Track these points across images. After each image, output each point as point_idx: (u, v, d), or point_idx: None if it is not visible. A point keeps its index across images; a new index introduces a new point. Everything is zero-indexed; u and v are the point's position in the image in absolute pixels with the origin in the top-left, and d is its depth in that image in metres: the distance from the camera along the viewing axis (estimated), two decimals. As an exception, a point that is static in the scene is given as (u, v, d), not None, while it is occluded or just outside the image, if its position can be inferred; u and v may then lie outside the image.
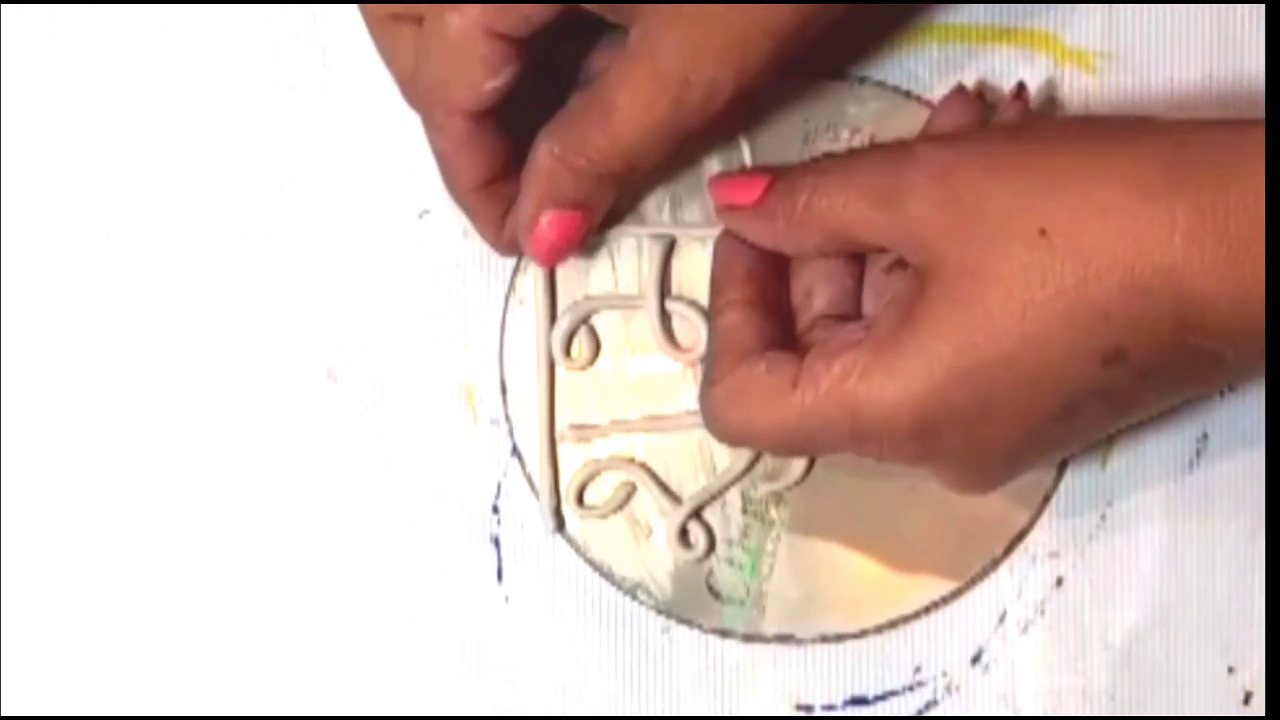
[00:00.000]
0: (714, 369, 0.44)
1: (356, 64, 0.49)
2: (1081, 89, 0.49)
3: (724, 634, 0.49)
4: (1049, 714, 0.49)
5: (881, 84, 0.49)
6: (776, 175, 0.44)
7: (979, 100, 0.46)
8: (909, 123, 0.48)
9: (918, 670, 0.49)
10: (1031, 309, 0.40)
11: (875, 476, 0.48)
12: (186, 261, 0.49)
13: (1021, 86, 0.46)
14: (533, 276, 0.49)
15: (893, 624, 0.49)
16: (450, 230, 0.49)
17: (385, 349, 0.49)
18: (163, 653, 0.49)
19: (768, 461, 0.49)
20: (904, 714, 0.49)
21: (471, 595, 0.49)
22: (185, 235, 0.49)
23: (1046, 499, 0.49)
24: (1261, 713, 0.49)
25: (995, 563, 0.49)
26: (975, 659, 0.49)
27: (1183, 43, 0.49)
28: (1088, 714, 0.49)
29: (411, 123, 0.49)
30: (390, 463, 0.49)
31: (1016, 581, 0.49)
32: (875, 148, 0.43)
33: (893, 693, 0.49)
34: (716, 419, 0.44)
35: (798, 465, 0.48)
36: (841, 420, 0.42)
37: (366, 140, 0.49)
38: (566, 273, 0.49)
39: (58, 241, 0.49)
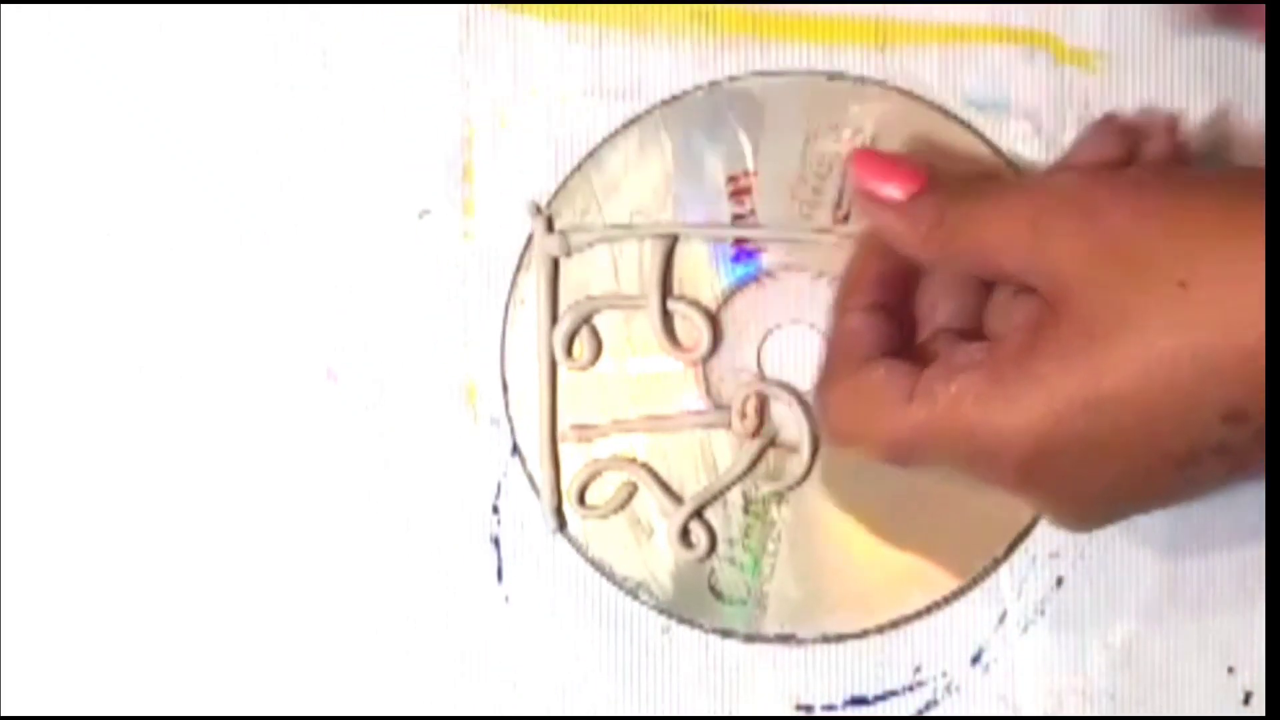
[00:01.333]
0: (834, 370, 0.44)
1: (356, 64, 0.49)
2: (1081, 89, 0.49)
3: (726, 634, 0.49)
4: (1049, 714, 0.49)
5: (883, 84, 0.49)
6: (931, 181, 0.44)
7: (1128, 131, 0.46)
8: (911, 123, 0.48)
9: (918, 670, 0.49)
10: (1160, 357, 0.39)
11: (877, 477, 0.48)
12: (186, 261, 0.49)
13: (1174, 120, 0.46)
14: (535, 276, 0.49)
15: (894, 624, 0.49)
16: (450, 230, 0.49)
17: (385, 349, 0.49)
18: (163, 653, 0.49)
19: (769, 461, 0.49)
20: (904, 714, 0.49)
21: (471, 595, 0.49)
22: (185, 235, 0.49)
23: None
24: (1261, 713, 0.49)
25: (996, 562, 0.49)
26: (975, 659, 0.49)
27: (1183, 43, 0.49)
28: (1088, 714, 0.49)
29: (411, 123, 0.49)
30: (390, 463, 0.49)
31: (1016, 581, 0.49)
32: (1026, 176, 0.44)
33: (893, 693, 0.49)
34: (830, 421, 0.44)
35: (799, 465, 0.49)
36: (954, 441, 0.42)
37: (366, 140, 0.49)
38: (568, 273, 0.49)
39: (58, 241, 0.49)
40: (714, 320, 0.49)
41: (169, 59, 0.49)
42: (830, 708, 0.49)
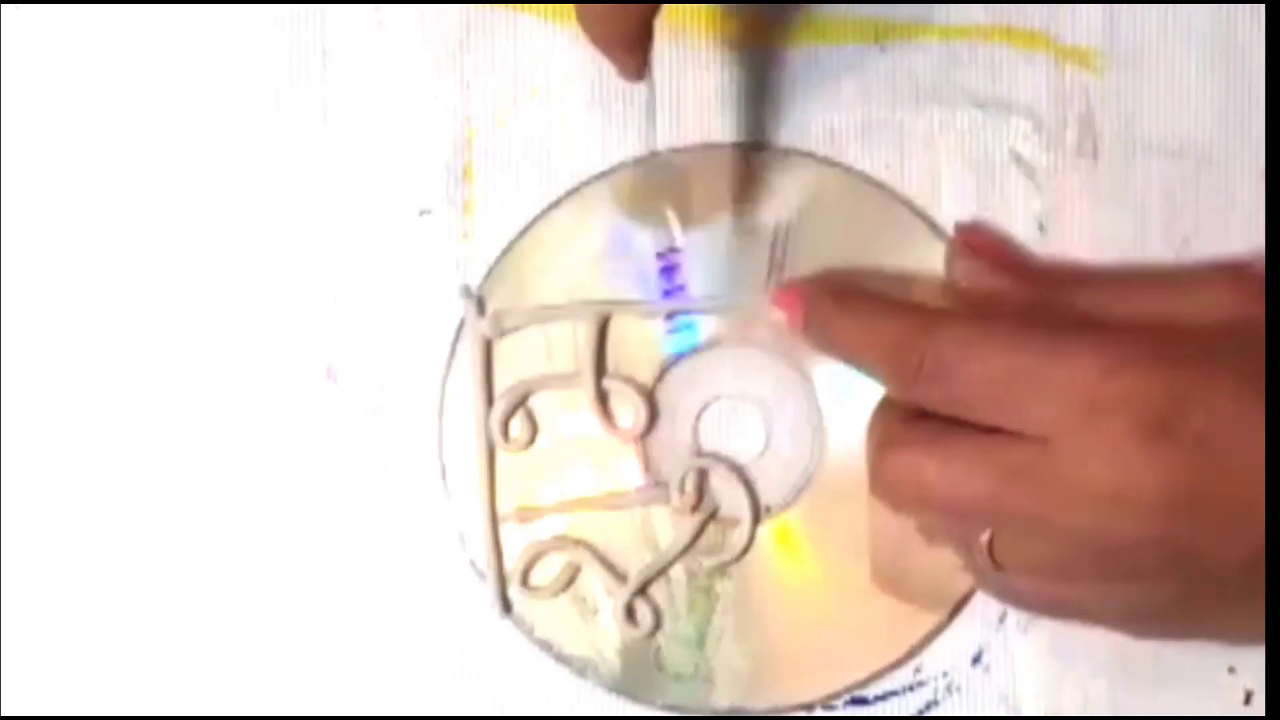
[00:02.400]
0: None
1: (356, 64, 0.49)
2: (1081, 89, 0.49)
3: (674, 709, 0.49)
4: (1049, 714, 0.49)
5: (809, 155, 0.49)
6: None
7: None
8: (832, 193, 0.48)
9: (918, 670, 0.49)
10: None
11: (817, 549, 0.48)
12: (186, 262, 0.49)
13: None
14: (469, 361, 0.49)
15: (840, 693, 0.49)
16: (450, 230, 0.49)
17: (385, 349, 0.49)
18: (163, 653, 0.49)
19: (710, 536, 0.49)
20: (904, 714, 0.49)
21: (471, 595, 0.49)
22: (185, 236, 0.49)
23: None
24: (1261, 712, 0.49)
25: (940, 629, 0.49)
26: (976, 659, 0.49)
27: (1183, 43, 0.49)
28: (1088, 714, 0.49)
29: (411, 122, 0.49)
30: (390, 463, 0.49)
31: (1017, 581, 0.49)
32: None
33: (893, 693, 0.49)
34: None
35: (740, 538, 0.48)
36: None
37: (366, 140, 0.49)
38: (502, 354, 0.49)
39: (58, 241, 0.49)
40: (650, 397, 0.49)
41: (169, 59, 0.49)
42: (830, 707, 0.49)
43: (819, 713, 0.49)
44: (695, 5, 0.49)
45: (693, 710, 0.49)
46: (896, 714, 0.49)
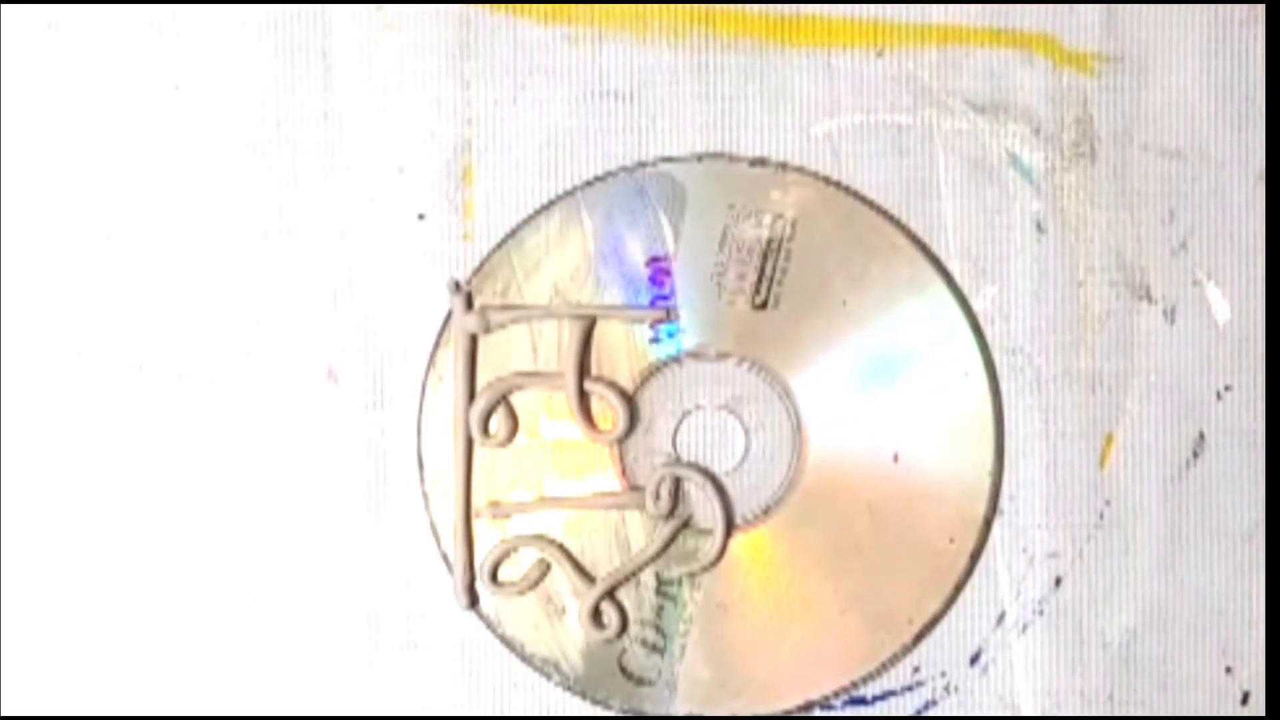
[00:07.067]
0: None
1: (356, 64, 0.49)
2: (1080, 90, 0.49)
3: (635, 714, 0.49)
4: (1047, 714, 0.49)
5: (805, 171, 0.49)
6: None
7: None
8: (830, 210, 0.48)
9: (916, 671, 0.49)
10: None
11: (788, 564, 0.48)
12: (186, 262, 0.49)
13: None
14: (453, 354, 0.49)
15: (806, 706, 0.49)
16: (450, 231, 0.49)
17: (385, 349, 0.49)
18: (163, 653, 0.49)
19: (682, 544, 0.49)
20: (902, 714, 0.49)
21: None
22: (185, 236, 0.49)
23: (958, 588, 0.49)
24: (1260, 713, 0.49)
25: (905, 649, 0.49)
26: (974, 659, 0.49)
27: (1183, 43, 0.49)
28: (1086, 714, 0.49)
29: (410, 123, 0.49)
30: (387, 463, 0.49)
31: (1015, 582, 0.49)
32: None
33: (891, 693, 0.49)
34: None
35: (711, 548, 0.48)
36: None
37: (366, 141, 0.49)
38: (487, 350, 0.49)
39: (58, 242, 0.49)
40: (630, 402, 0.49)
41: (169, 59, 0.49)
42: (828, 707, 0.49)
43: (817, 712, 0.49)
44: (689, 9, 0.49)
45: (652, 716, 0.49)
46: (894, 714, 0.49)
